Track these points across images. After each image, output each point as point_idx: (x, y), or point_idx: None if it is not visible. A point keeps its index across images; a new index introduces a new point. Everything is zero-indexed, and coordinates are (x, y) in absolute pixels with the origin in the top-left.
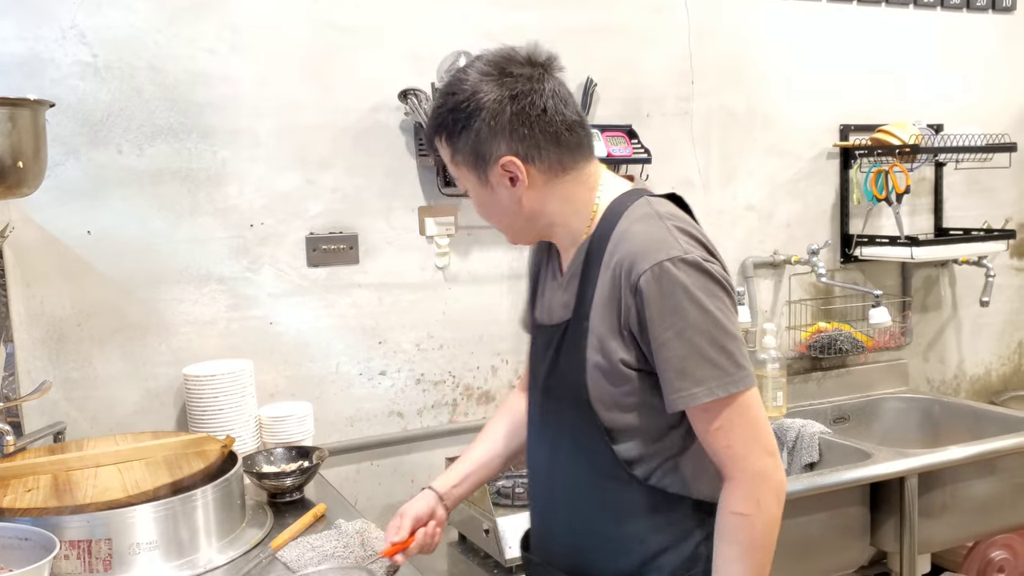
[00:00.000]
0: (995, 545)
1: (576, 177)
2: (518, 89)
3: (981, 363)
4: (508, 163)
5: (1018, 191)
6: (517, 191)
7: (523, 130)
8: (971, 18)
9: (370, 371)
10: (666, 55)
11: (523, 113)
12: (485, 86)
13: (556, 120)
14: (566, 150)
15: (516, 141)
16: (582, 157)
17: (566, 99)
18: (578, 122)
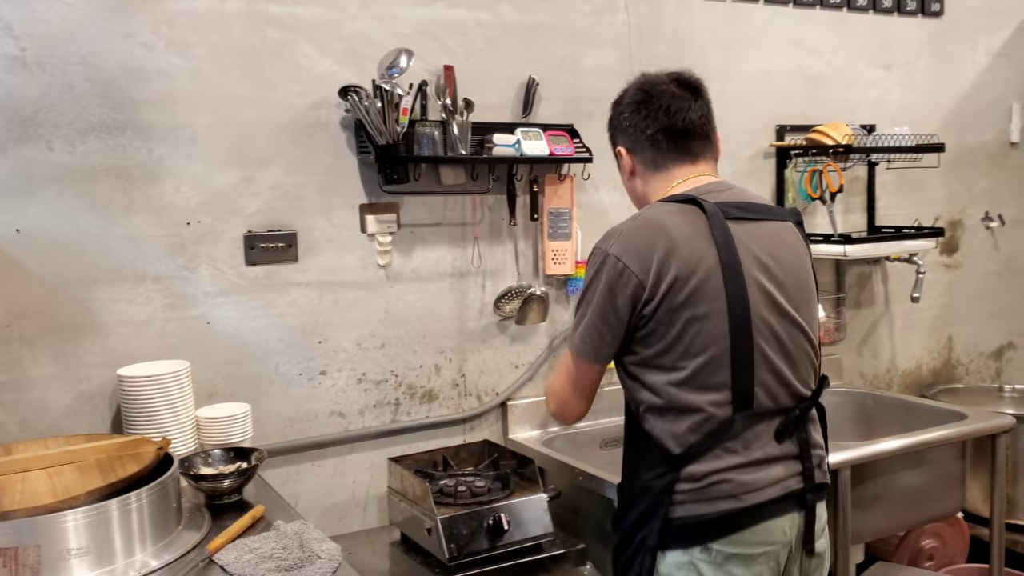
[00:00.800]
0: (925, 534)
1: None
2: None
3: (912, 357)
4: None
5: (947, 190)
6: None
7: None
8: (902, 21)
9: (310, 371)
10: (607, 56)
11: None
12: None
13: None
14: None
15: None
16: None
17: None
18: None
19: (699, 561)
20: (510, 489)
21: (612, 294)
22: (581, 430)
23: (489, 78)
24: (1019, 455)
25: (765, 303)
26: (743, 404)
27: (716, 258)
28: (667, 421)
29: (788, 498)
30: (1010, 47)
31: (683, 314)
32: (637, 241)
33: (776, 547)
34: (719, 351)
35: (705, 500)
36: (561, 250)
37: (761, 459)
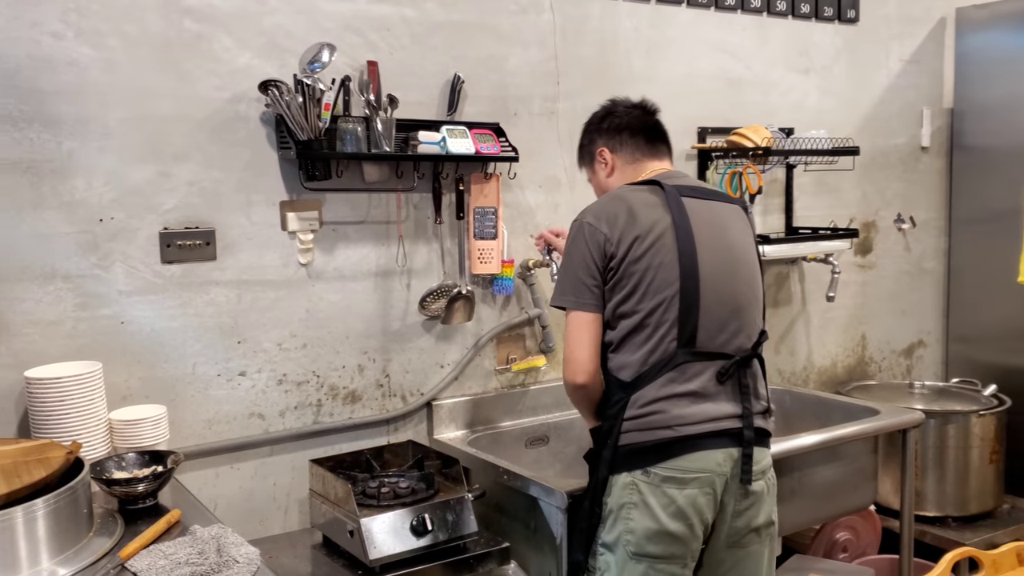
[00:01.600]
0: (840, 527)
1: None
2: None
3: (828, 355)
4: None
5: (861, 192)
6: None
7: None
8: (819, 27)
9: (229, 372)
10: (532, 55)
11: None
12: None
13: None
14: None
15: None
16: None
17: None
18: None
19: (639, 481)
20: (434, 489)
21: (587, 251)
22: (506, 429)
23: (414, 75)
24: (928, 449)
25: (712, 262)
26: (687, 342)
27: (670, 221)
28: (622, 354)
29: (724, 434)
30: (921, 54)
31: (641, 264)
32: (604, 209)
33: (710, 475)
34: (670, 294)
35: (645, 430)
36: (487, 249)
37: (699, 392)
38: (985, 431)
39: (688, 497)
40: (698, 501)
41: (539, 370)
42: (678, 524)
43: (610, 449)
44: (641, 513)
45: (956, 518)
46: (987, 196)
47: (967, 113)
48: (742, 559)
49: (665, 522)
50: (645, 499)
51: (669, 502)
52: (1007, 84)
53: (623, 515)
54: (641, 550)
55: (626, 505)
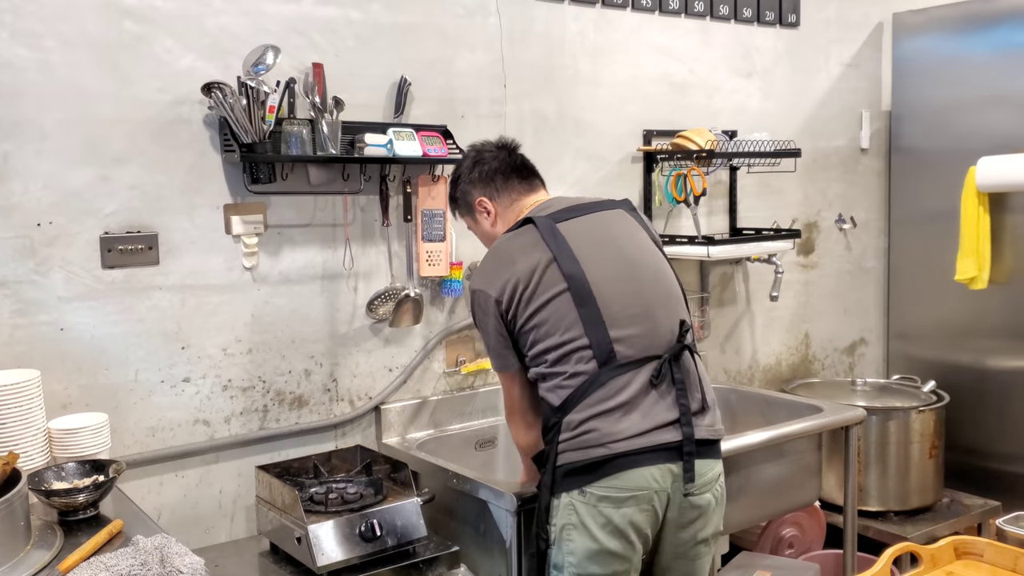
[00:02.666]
0: (785, 523)
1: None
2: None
3: (773, 353)
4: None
5: (803, 193)
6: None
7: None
8: (761, 31)
9: (172, 378)
10: (479, 58)
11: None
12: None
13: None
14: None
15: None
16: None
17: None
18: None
19: (576, 502)
20: (383, 494)
21: (487, 317)
22: (456, 432)
23: (360, 77)
24: (870, 446)
25: (605, 275)
26: (605, 359)
27: (550, 256)
28: (549, 383)
29: (660, 449)
30: (860, 58)
31: (532, 308)
32: (488, 271)
33: (647, 492)
34: (571, 320)
35: (579, 448)
36: (435, 252)
37: (629, 403)
38: (925, 427)
39: (624, 516)
40: (635, 518)
41: (488, 372)
42: (616, 542)
43: (549, 473)
44: (580, 534)
45: (898, 512)
46: (925, 197)
47: (904, 116)
48: (690, 570)
49: (604, 541)
50: (583, 519)
51: (606, 521)
52: (942, 88)
53: (564, 536)
54: (584, 571)
55: (566, 527)
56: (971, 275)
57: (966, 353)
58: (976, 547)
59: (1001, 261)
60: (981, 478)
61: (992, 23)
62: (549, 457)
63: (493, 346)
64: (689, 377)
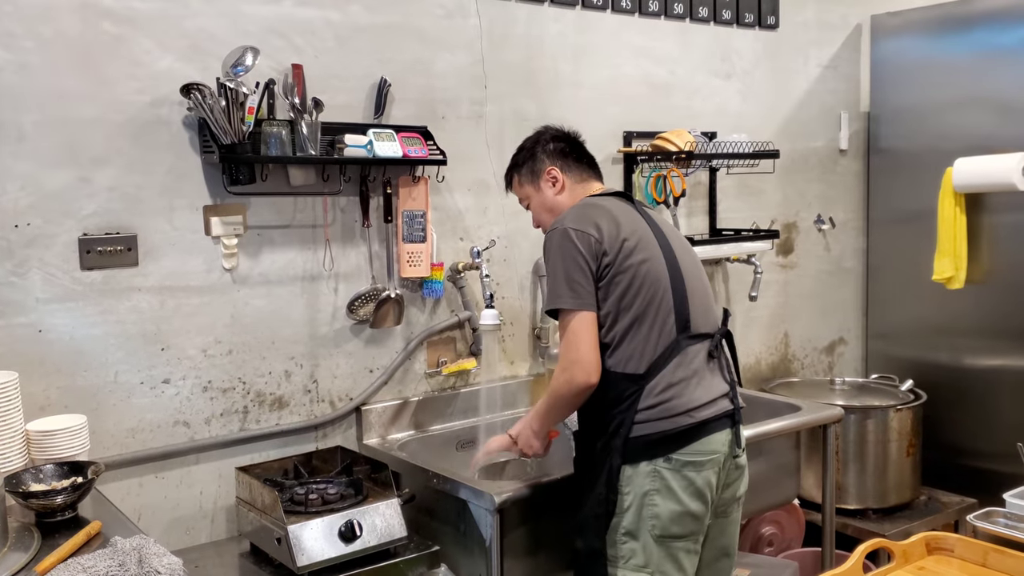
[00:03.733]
0: (765, 521)
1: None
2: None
3: (752, 353)
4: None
5: (782, 194)
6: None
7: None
8: (740, 33)
9: (152, 379)
10: (459, 59)
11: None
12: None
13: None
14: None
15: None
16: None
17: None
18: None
19: (662, 468)
20: (363, 495)
21: (577, 252)
22: (438, 432)
23: (339, 78)
24: (849, 444)
25: (683, 256)
26: (683, 327)
27: (646, 223)
28: (626, 347)
29: (723, 416)
30: (838, 59)
31: (632, 261)
32: (586, 216)
33: (719, 455)
34: (663, 286)
35: (664, 418)
36: (416, 252)
37: (699, 372)
38: (903, 425)
39: (705, 478)
40: (712, 480)
41: (469, 373)
42: (698, 504)
43: (621, 439)
44: (664, 498)
45: (876, 510)
46: (903, 197)
47: (883, 117)
48: (725, 526)
49: (687, 503)
50: (668, 484)
51: (688, 484)
52: (920, 89)
53: (647, 502)
54: (666, 532)
55: (649, 492)
56: (948, 275)
57: (943, 352)
58: (947, 542)
59: (978, 261)
60: (958, 476)
61: (968, 25)
62: (622, 426)
63: (571, 281)
64: (730, 359)
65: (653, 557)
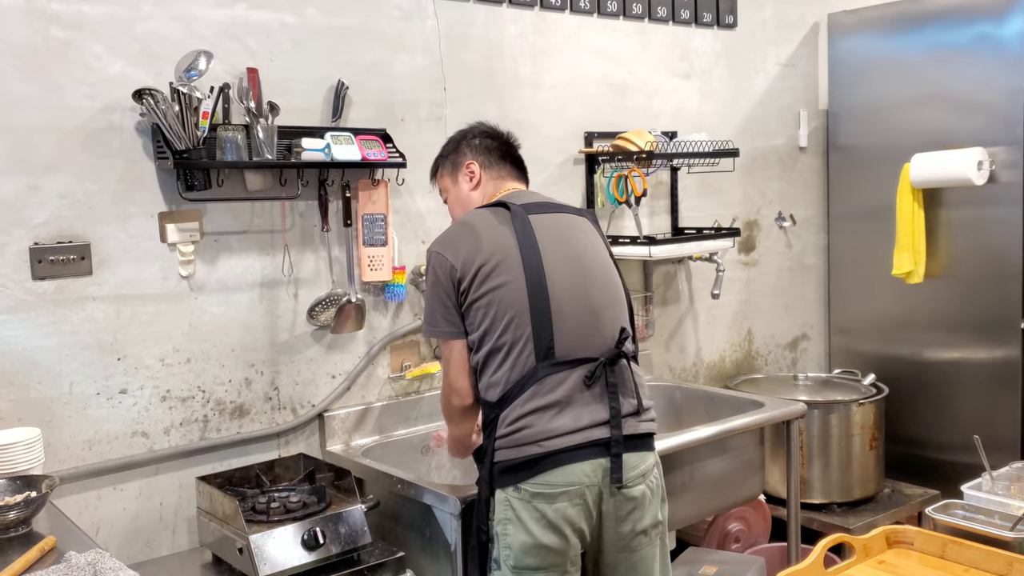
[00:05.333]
0: (731, 518)
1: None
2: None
3: (716, 351)
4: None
5: (743, 192)
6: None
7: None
8: (699, 33)
9: (109, 390)
10: (418, 61)
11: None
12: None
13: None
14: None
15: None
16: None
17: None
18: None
19: (512, 498)
20: (326, 502)
21: (438, 279)
22: (402, 437)
23: (296, 81)
24: (813, 439)
25: (561, 272)
26: (544, 355)
27: (515, 241)
28: (487, 376)
29: (591, 445)
30: (797, 58)
31: (488, 284)
32: (451, 238)
33: (578, 487)
34: (520, 310)
35: (514, 446)
36: (377, 256)
37: (563, 402)
38: (865, 419)
39: (558, 511)
40: (568, 513)
41: (433, 376)
42: (551, 536)
43: (487, 468)
44: (516, 528)
45: (841, 504)
46: (862, 194)
47: (841, 114)
48: (635, 562)
49: (538, 535)
50: (518, 514)
51: (540, 516)
52: (877, 86)
53: (501, 531)
54: (520, 563)
55: (502, 521)
56: (907, 269)
57: (904, 346)
58: (907, 535)
59: (936, 255)
60: (920, 468)
61: (922, 23)
62: (487, 453)
63: (434, 310)
64: (624, 383)
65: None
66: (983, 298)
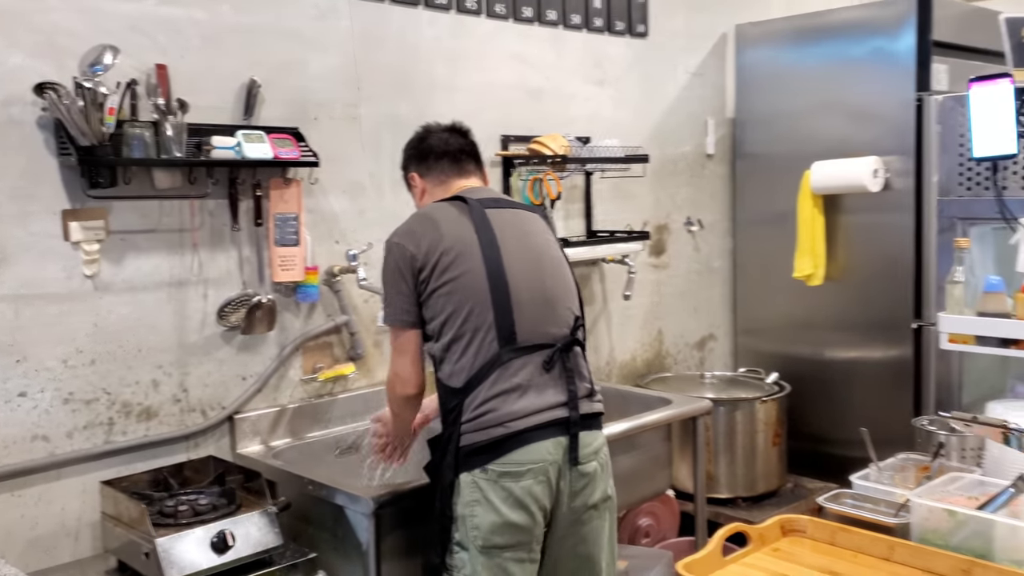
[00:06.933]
0: (641, 513)
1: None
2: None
3: (628, 350)
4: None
5: (654, 197)
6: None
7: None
8: (612, 40)
9: (7, 392)
10: (332, 61)
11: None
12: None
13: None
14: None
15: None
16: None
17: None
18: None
19: (480, 480)
20: (236, 504)
21: (398, 268)
22: (315, 439)
23: (206, 79)
24: (719, 436)
25: (518, 262)
26: (507, 340)
27: (474, 232)
28: (450, 363)
29: (552, 424)
30: (705, 67)
31: (449, 275)
32: (410, 228)
33: (542, 464)
34: (481, 299)
35: (481, 429)
36: (289, 256)
37: (525, 385)
38: (768, 416)
39: (524, 488)
40: (534, 490)
41: (347, 378)
42: (518, 514)
43: (452, 453)
44: (484, 509)
45: (746, 498)
46: (766, 199)
47: (747, 123)
48: (584, 535)
49: (506, 513)
50: (486, 495)
51: (507, 495)
52: (780, 96)
53: (469, 513)
54: (489, 543)
55: (470, 503)
56: (808, 272)
57: (805, 346)
58: (800, 524)
59: (835, 259)
60: (821, 462)
61: (823, 37)
62: (451, 439)
63: (393, 300)
64: (577, 367)
65: (479, 568)
66: (878, 299)
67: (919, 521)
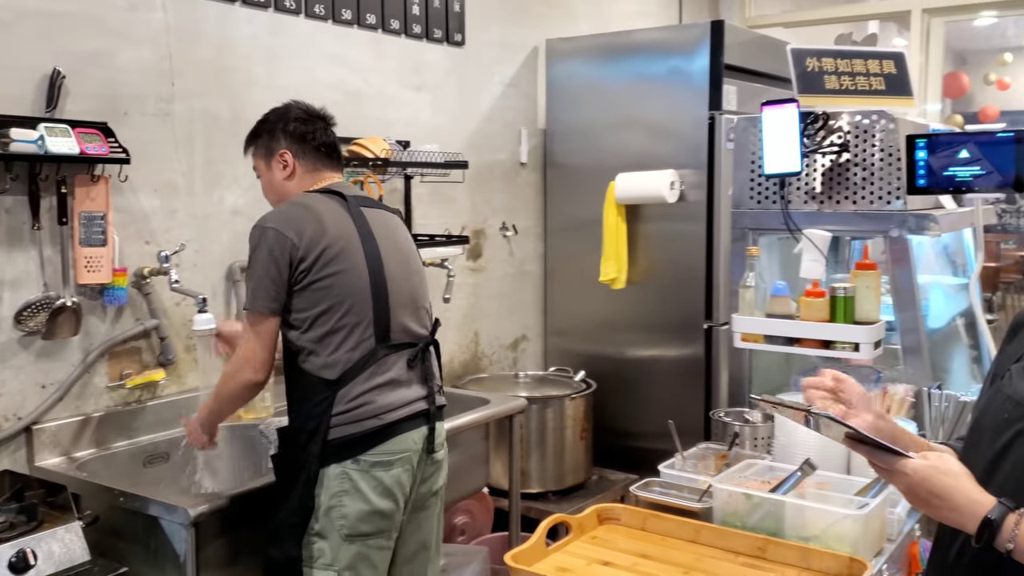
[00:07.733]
0: (457, 511)
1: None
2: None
3: (446, 352)
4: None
5: (471, 202)
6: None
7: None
8: (431, 47)
9: None
10: (145, 54)
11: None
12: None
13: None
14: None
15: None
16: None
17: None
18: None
19: (350, 470)
20: (37, 520)
21: (272, 255)
22: (123, 449)
23: (3, 67)
24: (531, 432)
25: (393, 263)
26: (383, 337)
27: (355, 229)
28: (323, 355)
29: (416, 416)
30: (519, 79)
31: (331, 269)
32: (291, 216)
33: (409, 453)
34: (362, 296)
35: (355, 422)
36: (96, 257)
37: (396, 380)
38: (576, 412)
39: (393, 476)
40: (401, 478)
41: (157, 384)
42: (387, 502)
43: (318, 444)
44: (353, 499)
45: (555, 492)
46: (575, 207)
47: (557, 134)
48: (422, 521)
49: (376, 502)
50: (357, 485)
51: (378, 484)
52: (587, 109)
53: (336, 503)
54: (355, 531)
55: (337, 493)
56: (612, 276)
57: (609, 345)
58: (615, 512)
59: (636, 264)
60: (624, 455)
61: (626, 55)
62: (317, 431)
63: (261, 285)
64: (431, 365)
65: (340, 556)
66: (675, 302)
67: (720, 505)
